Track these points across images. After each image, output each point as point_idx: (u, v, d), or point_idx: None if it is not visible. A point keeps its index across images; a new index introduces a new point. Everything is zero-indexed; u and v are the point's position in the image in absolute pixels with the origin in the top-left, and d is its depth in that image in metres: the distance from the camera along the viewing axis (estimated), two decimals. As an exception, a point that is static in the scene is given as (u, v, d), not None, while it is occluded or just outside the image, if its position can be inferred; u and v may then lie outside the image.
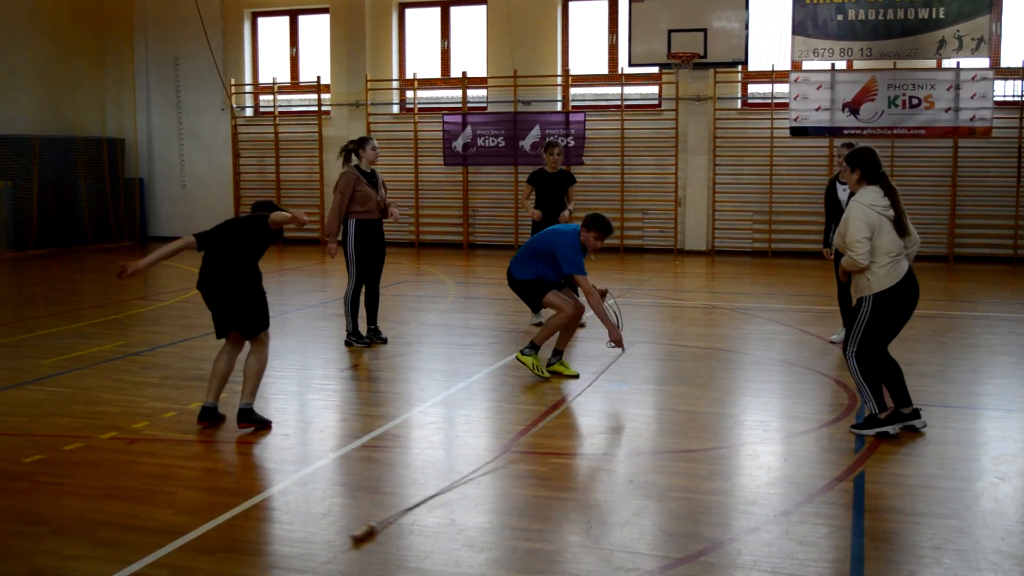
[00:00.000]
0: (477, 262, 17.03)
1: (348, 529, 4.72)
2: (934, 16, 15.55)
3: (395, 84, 19.48)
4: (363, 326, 9.39)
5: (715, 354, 8.89)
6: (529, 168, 15.43)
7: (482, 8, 18.94)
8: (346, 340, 9.19)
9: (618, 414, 7.02)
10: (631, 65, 16.88)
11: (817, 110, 16.30)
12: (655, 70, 17.52)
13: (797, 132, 16.62)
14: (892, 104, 15.94)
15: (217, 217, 6.65)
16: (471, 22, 19.22)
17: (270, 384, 7.60)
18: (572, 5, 18.59)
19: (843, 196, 8.70)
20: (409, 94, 19.41)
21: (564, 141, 17.63)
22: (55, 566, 4.33)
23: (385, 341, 9.30)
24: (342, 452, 5.98)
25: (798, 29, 16.14)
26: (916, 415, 6.34)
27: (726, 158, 17.76)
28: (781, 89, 17.10)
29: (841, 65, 16.47)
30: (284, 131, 20.10)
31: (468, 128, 18.54)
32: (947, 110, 15.73)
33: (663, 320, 10.96)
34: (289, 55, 20.36)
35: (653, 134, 18.03)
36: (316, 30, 20.16)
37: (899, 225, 6.20)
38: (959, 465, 5.69)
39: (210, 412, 6.47)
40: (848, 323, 6.99)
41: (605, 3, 18.34)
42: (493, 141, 18.40)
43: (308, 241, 19.71)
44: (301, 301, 12.20)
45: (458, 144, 18.60)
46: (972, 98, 15.61)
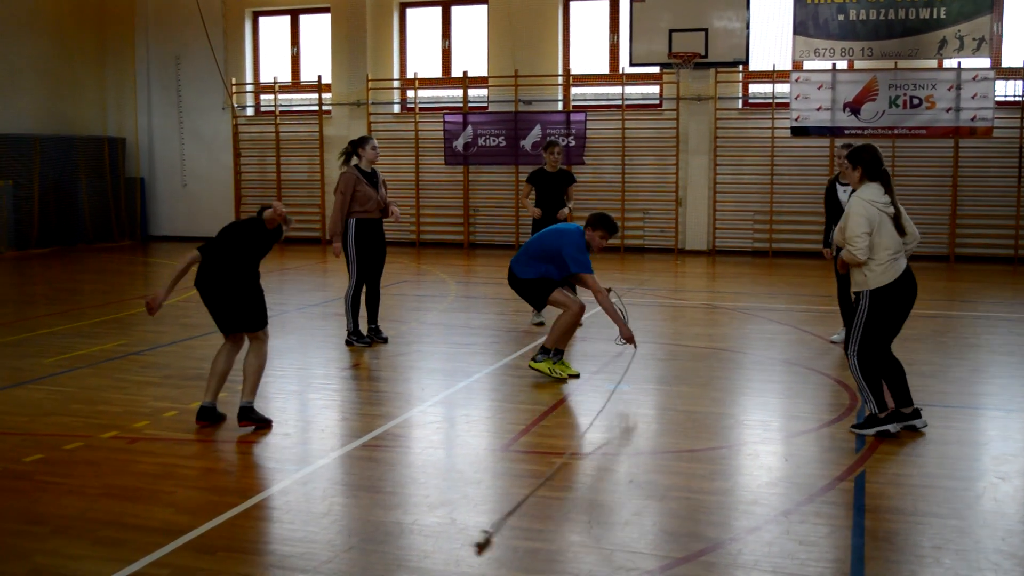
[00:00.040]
0: (478, 262, 17.03)
1: (348, 529, 4.73)
2: (935, 16, 15.54)
3: (396, 84, 19.48)
4: (364, 325, 9.40)
5: (716, 354, 8.89)
6: (530, 168, 15.40)
7: (483, 8, 18.94)
8: (347, 339, 9.20)
9: (618, 414, 7.02)
10: (632, 65, 16.87)
11: (818, 110, 16.30)
12: (656, 70, 17.52)
13: (798, 132, 16.62)
14: (893, 104, 15.93)
15: (218, 216, 6.67)
16: (472, 22, 19.22)
17: (271, 383, 7.61)
18: (573, 5, 18.59)
19: (843, 196, 8.70)
20: (410, 93, 19.40)
21: (565, 141, 17.62)
22: (56, 565, 4.33)
23: (386, 340, 9.31)
24: (343, 451, 5.99)
25: (799, 29, 16.14)
26: (917, 415, 6.34)
27: (727, 158, 17.75)
28: (782, 89, 17.09)
29: (842, 65, 16.46)
30: (285, 130, 20.10)
31: (469, 128, 18.54)
32: (948, 110, 15.73)
33: (664, 320, 10.96)
34: (290, 54, 20.36)
35: (654, 134, 18.02)
36: (317, 29, 20.16)
37: (898, 223, 6.21)
38: (960, 465, 5.69)
39: (209, 412, 6.48)
40: (848, 322, 6.99)
41: (606, 3, 18.33)
42: (494, 141, 18.40)
43: (309, 241, 19.71)
44: (302, 300, 12.20)
45: (459, 144, 18.59)
46: (973, 98, 15.60)
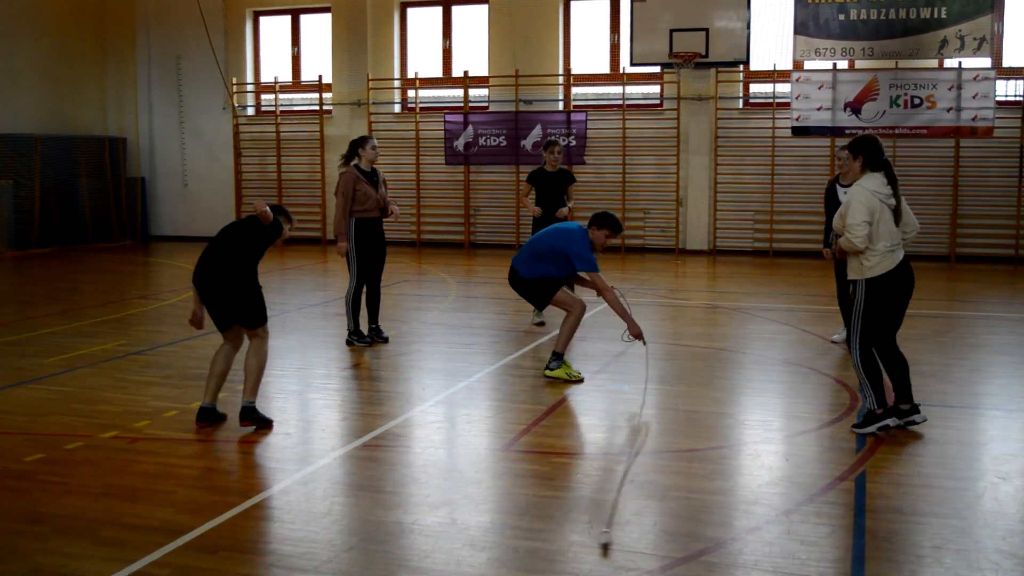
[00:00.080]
0: (478, 261, 17.03)
1: (349, 529, 4.73)
2: (936, 16, 15.53)
3: (397, 83, 19.48)
4: (364, 325, 9.40)
5: (716, 354, 8.89)
6: (530, 167, 15.40)
7: (484, 7, 18.93)
8: (347, 339, 9.20)
9: (619, 413, 7.02)
10: (633, 65, 16.87)
11: (819, 110, 16.29)
12: (657, 70, 17.52)
13: (799, 132, 16.61)
14: (894, 104, 15.93)
15: (218, 216, 6.68)
16: (473, 21, 19.22)
17: (271, 383, 7.61)
18: (574, 4, 18.58)
19: (843, 198, 8.68)
20: (411, 93, 19.40)
21: (565, 141, 17.62)
22: (56, 565, 4.33)
23: (386, 340, 9.31)
24: (343, 451, 5.99)
25: (800, 29, 16.13)
26: (915, 411, 6.34)
27: (727, 158, 17.75)
28: (783, 89, 17.09)
29: (843, 65, 16.46)
30: (286, 130, 20.10)
31: (469, 127, 18.54)
32: (949, 110, 15.72)
33: (664, 320, 10.96)
34: (291, 54, 20.36)
35: (655, 134, 18.02)
36: (318, 29, 20.16)
37: (896, 214, 6.21)
38: (960, 465, 5.69)
39: (208, 412, 6.48)
40: (847, 319, 6.98)
41: (607, 2, 18.32)
42: (495, 140, 18.39)
43: (309, 241, 19.72)
44: (302, 300, 12.20)
45: (459, 143, 18.59)
46: (974, 98, 15.60)
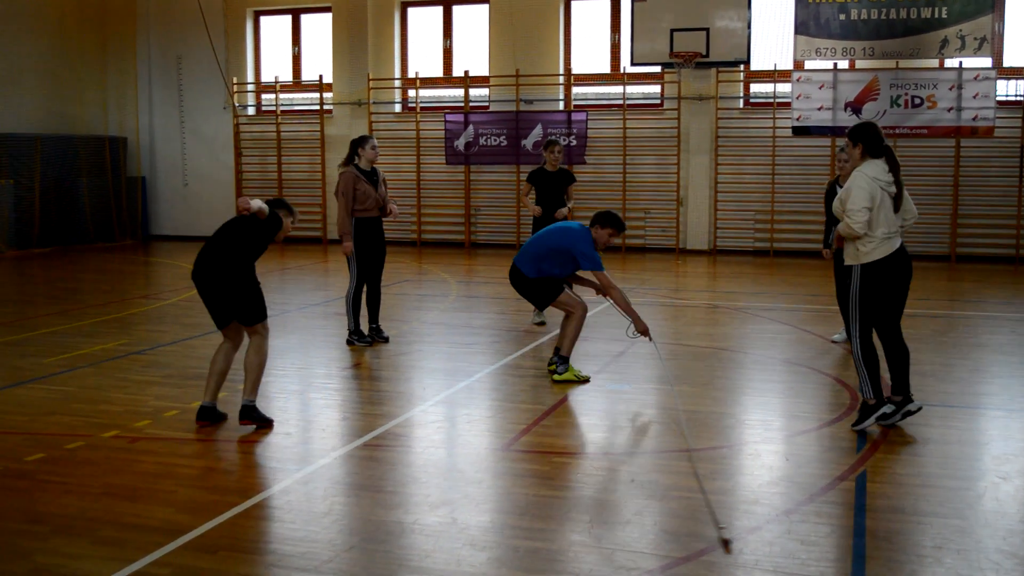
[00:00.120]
0: (479, 261, 17.03)
1: (350, 529, 4.73)
2: (936, 16, 15.53)
3: (397, 83, 19.48)
4: (365, 325, 9.40)
5: (716, 353, 8.89)
6: (531, 167, 15.40)
7: (484, 7, 18.93)
8: (348, 339, 9.20)
9: (619, 413, 7.02)
10: (633, 64, 16.87)
11: (819, 109, 16.29)
12: (657, 69, 17.53)
13: (799, 132, 16.61)
14: (894, 104, 15.92)
15: (219, 216, 6.68)
16: (473, 21, 19.22)
17: (272, 383, 7.61)
18: (574, 4, 18.57)
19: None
20: (411, 93, 19.40)
21: (566, 140, 17.62)
22: (56, 564, 4.33)
23: (387, 340, 9.31)
24: (344, 451, 5.99)
25: (800, 28, 16.13)
26: (909, 400, 6.33)
27: (728, 157, 17.75)
28: (783, 88, 17.08)
29: (843, 64, 16.46)
30: (286, 130, 20.10)
31: (470, 127, 18.54)
32: (949, 110, 15.72)
33: (665, 319, 10.95)
34: (291, 54, 20.36)
35: (655, 133, 18.02)
36: (318, 29, 20.16)
37: (896, 200, 6.19)
38: (961, 464, 5.69)
39: (208, 412, 6.48)
40: (843, 303, 6.94)
41: (607, 2, 18.32)
42: (495, 140, 18.39)
43: (309, 240, 19.72)
44: (303, 300, 12.20)
45: (460, 143, 18.59)
46: (974, 98, 15.59)
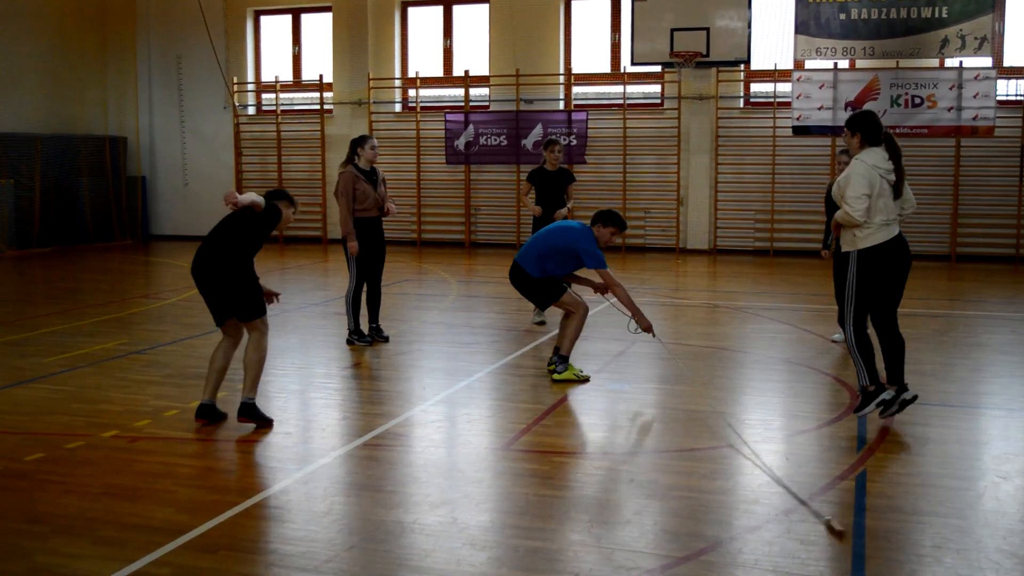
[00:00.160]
0: (479, 261, 17.03)
1: (349, 528, 4.73)
2: (937, 15, 15.53)
3: (397, 83, 19.48)
4: (365, 325, 9.40)
5: (716, 353, 8.89)
6: (531, 167, 15.40)
7: (484, 7, 18.93)
8: (348, 339, 9.20)
9: (619, 413, 7.02)
10: (633, 64, 16.89)
11: (820, 109, 16.29)
12: (658, 69, 17.54)
13: (799, 131, 16.61)
14: (895, 103, 15.92)
15: (219, 216, 6.67)
16: (473, 21, 19.22)
17: (272, 382, 7.61)
18: (575, 4, 18.57)
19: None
20: (411, 93, 19.40)
21: (566, 140, 17.62)
22: (56, 564, 4.33)
23: (387, 339, 9.31)
24: (344, 451, 5.99)
25: (801, 28, 16.13)
26: (904, 390, 6.32)
27: (728, 157, 17.75)
28: (783, 88, 17.08)
29: (844, 64, 16.46)
30: (286, 129, 20.10)
31: (470, 127, 18.53)
32: (950, 109, 15.72)
33: (665, 319, 10.95)
34: (291, 53, 20.36)
35: (655, 133, 18.01)
36: (318, 28, 20.17)
37: (896, 187, 6.17)
38: (961, 464, 5.69)
39: (207, 409, 6.48)
40: (840, 292, 6.90)
41: (608, 2, 18.32)
42: (495, 140, 18.39)
43: (309, 240, 19.72)
44: (303, 300, 12.20)
45: (460, 143, 18.59)
46: (975, 97, 15.59)
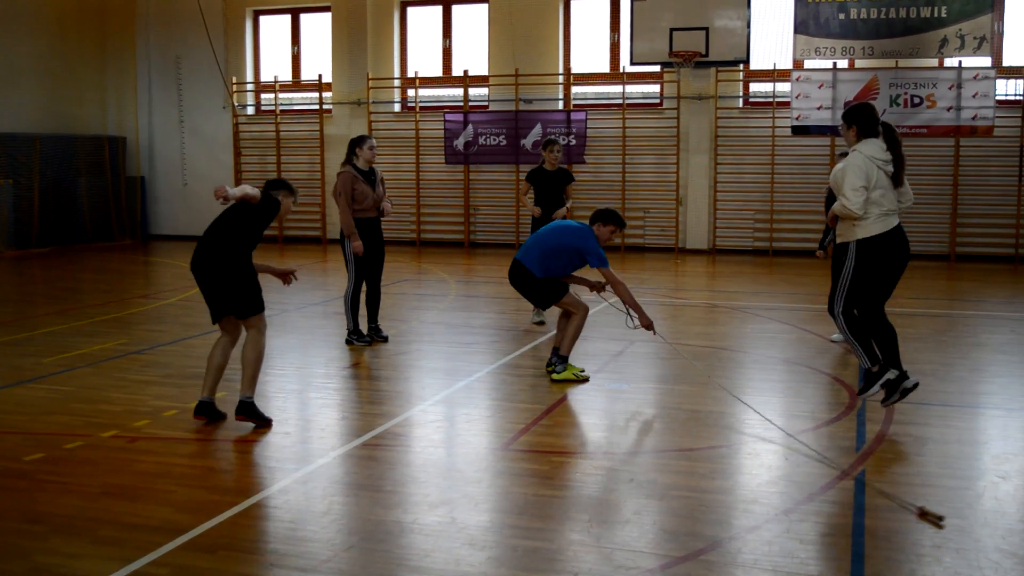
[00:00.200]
0: (478, 261, 17.03)
1: (348, 528, 4.73)
2: (936, 15, 15.53)
3: (396, 82, 19.48)
4: (364, 325, 9.40)
5: (716, 353, 8.89)
6: (530, 167, 15.39)
7: (484, 7, 18.93)
8: (347, 339, 9.20)
9: (618, 413, 7.02)
10: (633, 64, 16.89)
11: (819, 109, 16.29)
12: (657, 69, 17.54)
13: (799, 131, 16.61)
14: (894, 103, 15.92)
15: (218, 215, 6.69)
16: (473, 20, 19.22)
17: (271, 382, 7.61)
18: (574, 3, 18.57)
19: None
20: (410, 92, 19.40)
21: (565, 140, 17.62)
22: (55, 564, 4.33)
23: (386, 339, 9.31)
24: (343, 450, 5.98)
25: (800, 28, 16.13)
26: (905, 377, 6.31)
27: (727, 157, 17.75)
28: (783, 88, 17.09)
29: (843, 64, 16.46)
30: (285, 129, 20.10)
31: (469, 127, 18.53)
32: (949, 109, 15.72)
33: (664, 319, 10.94)
34: (291, 53, 20.36)
35: (655, 133, 18.02)
36: (318, 28, 20.16)
37: (896, 177, 6.14)
38: (960, 464, 5.69)
39: (206, 407, 6.47)
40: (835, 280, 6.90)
41: (607, 1, 18.31)
42: (494, 140, 18.39)
43: (309, 240, 19.72)
44: (302, 300, 12.20)
45: (459, 143, 18.59)
46: (974, 97, 15.60)
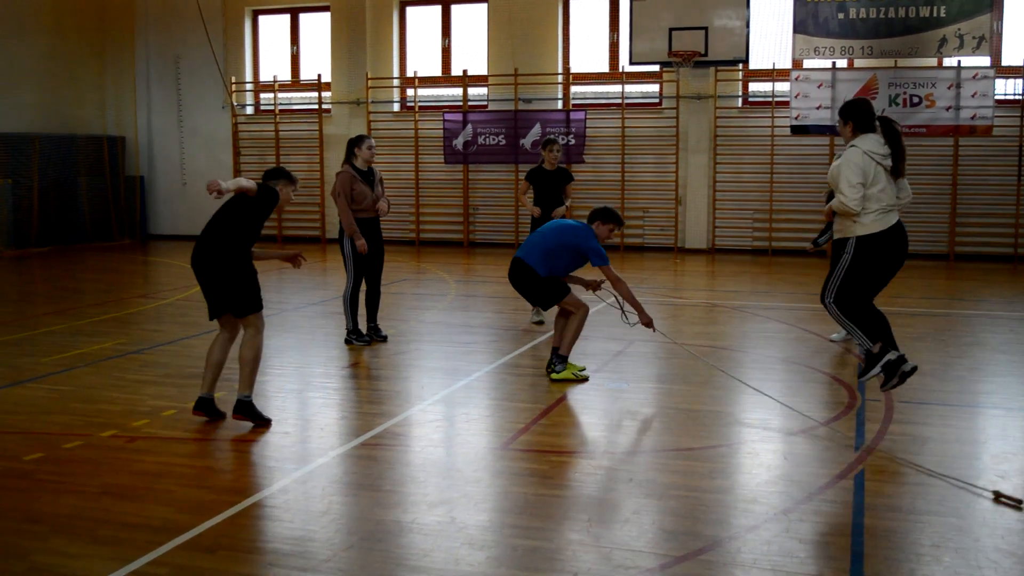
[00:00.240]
0: (477, 260, 17.03)
1: (348, 528, 4.73)
2: (935, 15, 15.54)
3: (396, 82, 19.47)
4: (363, 324, 9.40)
5: (715, 352, 8.89)
6: (529, 166, 15.40)
7: (483, 6, 18.92)
8: (346, 338, 9.20)
9: (618, 412, 7.02)
10: (632, 63, 16.90)
11: (818, 108, 16.29)
12: (656, 68, 17.53)
13: (798, 131, 16.61)
14: (893, 102, 15.92)
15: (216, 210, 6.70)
16: (472, 20, 19.21)
17: (270, 382, 7.61)
18: (573, 3, 18.56)
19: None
20: (410, 92, 19.40)
21: (565, 139, 17.63)
22: (55, 564, 4.33)
23: (385, 339, 9.31)
24: (342, 450, 5.98)
25: (799, 27, 16.14)
26: (903, 360, 6.31)
27: (727, 156, 17.75)
28: (782, 87, 17.09)
29: (842, 63, 16.46)
30: (285, 129, 20.09)
31: (469, 126, 18.53)
32: (948, 108, 15.73)
33: (663, 318, 10.94)
34: (290, 53, 20.35)
35: (654, 132, 18.02)
36: (317, 28, 20.16)
37: (896, 168, 6.10)
38: (959, 463, 5.69)
39: (205, 403, 6.48)
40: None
41: (606, 1, 18.31)
42: (494, 139, 18.39)
43: (308, 240, 19.71)
44: (301, 299, 12.20)
45: (459, 142, 18.58)
46: (973, 96, 15.60)
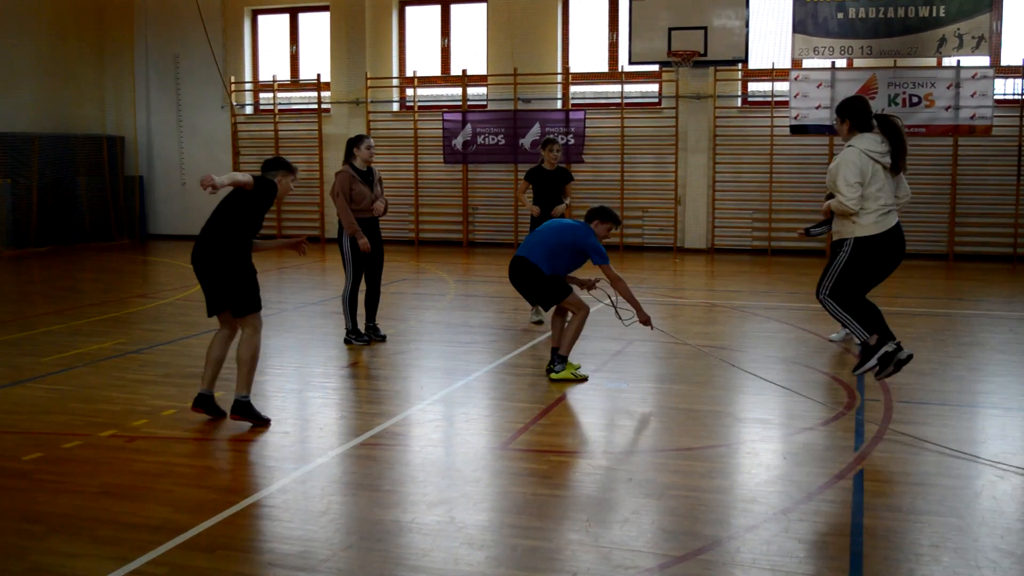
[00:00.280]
0: (477, 260, 17.03)
1: (347, 528, 4.73)
2: (934, 14, 15.55)
3: (395, 82, 19.47)
4: (362, 324, 9.40)
5: (715, 352, 8.89)
6: (529, 166, 15.40)
7: (482, 6, 18.92)
8: (345, 338, 9.20)
9: (617, 412, 7.02)
10: (631, 63, 16.90)
11: (817, 108, 16.28)
12: (655, 68, 17.54)
13: (797, 130, 16.61)
14: (892, 102, 15.92)
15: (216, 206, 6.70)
16: (471, 20, 19.21)
17: (269, 381, 7.61)
18: (572, 3, 18.56)
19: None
20: (409, 92, 19.40)
21: (564, 139, 17.63)
22: (54, 564, 4.33)
23: (384, 339, 9.31)
24: (341, 450, 5.98)
25: (798, 27, 16.14)
26: (899, 349, 6.31)
27: (726, 156, 17.75)
28: (781, 87, 17.09)
29: (841, 63, 16.46)
30: (284, 129, 20.09)
31: (468, 126, 18.53)
32: (947, 108, 15.73)
33: (662, 318, 10.94)
34: (289, 53, 20.35)
35: (653, 132, 18.02)
36: (316, 28, 20.15)
37: (896, 164, 6.08)
38: (958, 463, 5.69)
39: (205, 400, 6.48)
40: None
41: (605, 1, 18.32)
42: (493, 139, 18.39)
43: (307, 240, 19.67)
44: (300, 299, 12.20)
45: (458, 142, 18.58)
46: (972, 96, 15.60)
